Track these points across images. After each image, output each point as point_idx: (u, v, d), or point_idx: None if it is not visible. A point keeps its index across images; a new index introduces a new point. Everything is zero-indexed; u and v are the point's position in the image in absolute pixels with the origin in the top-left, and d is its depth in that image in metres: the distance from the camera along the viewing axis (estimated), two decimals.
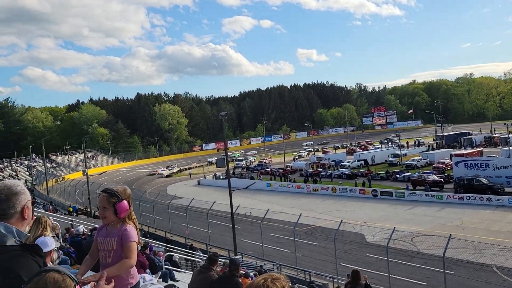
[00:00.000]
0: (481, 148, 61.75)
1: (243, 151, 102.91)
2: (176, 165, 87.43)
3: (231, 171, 64.09)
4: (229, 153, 60.58)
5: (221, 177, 60.88)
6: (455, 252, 22.20)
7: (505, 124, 62.64)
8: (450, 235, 18.17)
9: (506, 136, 59.12)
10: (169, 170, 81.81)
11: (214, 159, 78.71)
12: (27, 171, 79.34)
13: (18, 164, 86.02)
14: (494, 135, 75.86)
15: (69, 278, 1.82)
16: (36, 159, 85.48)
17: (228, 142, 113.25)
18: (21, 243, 2.12)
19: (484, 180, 37.98)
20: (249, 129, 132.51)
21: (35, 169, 78.17)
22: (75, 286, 1.83)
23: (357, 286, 9.05)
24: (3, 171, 77.66)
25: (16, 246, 2.07)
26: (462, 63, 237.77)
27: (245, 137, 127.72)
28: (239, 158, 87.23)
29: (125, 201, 3.13)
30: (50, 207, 41.97)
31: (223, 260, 11.32)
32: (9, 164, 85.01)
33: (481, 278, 19.95)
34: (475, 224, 29.77)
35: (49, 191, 56.80)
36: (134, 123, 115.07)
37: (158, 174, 78.23)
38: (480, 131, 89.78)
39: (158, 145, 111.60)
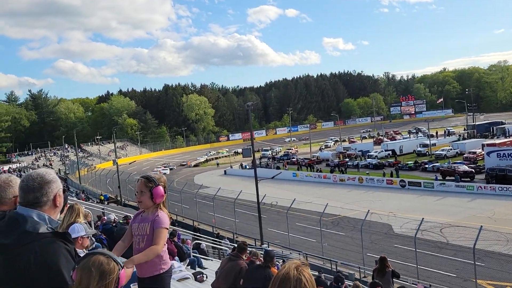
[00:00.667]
0: None
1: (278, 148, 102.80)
2: (212, 152, 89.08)
3: (257, 161, 64.42)
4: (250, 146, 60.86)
5: (247, 167, 61.24)
6: (486, 243, 21.75)
7: None
8: (481, 226, 17.80)
9: None
10: (207, 156, 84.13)
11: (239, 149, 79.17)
12: (60, 160, 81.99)
13: (52, 154, 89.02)
14: None
15: (113, 261, 1.96)
16: (68, 149, 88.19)
17: (254, 132, 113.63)
18: (52, 230, 2.16)
19: None
20: (275, 119, 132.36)
21: (67, 159, 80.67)
22: (119, 270, 1.97)
23: (384, 272, 9.08)
24: (38, 161, 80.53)
25: (48, 233, 2.12)
26: (496, 49, 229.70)
27: (271, 127, 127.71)
28: (264, 148, 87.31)
29: (161, 187, 3.27)
30: (83, 195, 43.37)
31: (250, 249, 11.51)
32: (43, 154, 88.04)
33: None
34: (508, 215, 28.98)
35: (81, 180, 58.58)
36: (162, 114, 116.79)
37: (188, 165, 79.26)
38: None
39: (185, 136, 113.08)
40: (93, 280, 1.87)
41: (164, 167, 75.01)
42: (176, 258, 7.79)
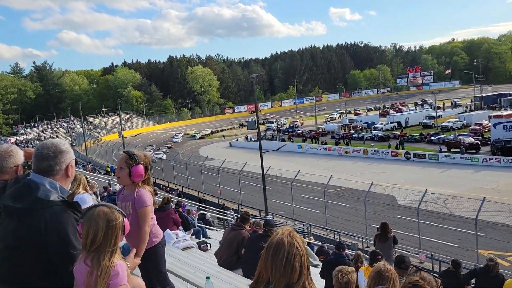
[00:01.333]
0: None
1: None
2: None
3: (263, 134, 64.50)
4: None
5: (253, 139, 61.40)
6: (489, 215, 21.92)
7: None
8: (484, 197, 17.90)
9: None
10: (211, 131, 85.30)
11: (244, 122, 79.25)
12: (66, 132, 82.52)
13: (58, 126, 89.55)
14: None
15: (117, 211, 2.05)
16: (74, 121, 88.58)
17: (260, 104, 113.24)
18: (63, 199, 2.23)
19: None
20: (281, 91, 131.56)
21: (74, 131, 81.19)
22: (123, 218, 2.06)
23: (386, 237, 9.25)
24: (44, 133, 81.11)
25: (58, 202, 2.18)
26: (506, 19, 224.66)
27: (276, 100, 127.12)
28: (270, 121, 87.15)
29: (141, 166, 3.18)
30: (89, 167, 43.87)
31: (254, 219, 11.71)
32: (49, 126, 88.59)
33: None
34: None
35: (87, 152, 59.11)
36: (167, 86, 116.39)
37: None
38: None
39: (190, 108, 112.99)
40: (100, 229, 1.96)
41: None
42: (181, 227, 7.97)
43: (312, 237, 14.32)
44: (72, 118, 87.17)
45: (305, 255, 1.93)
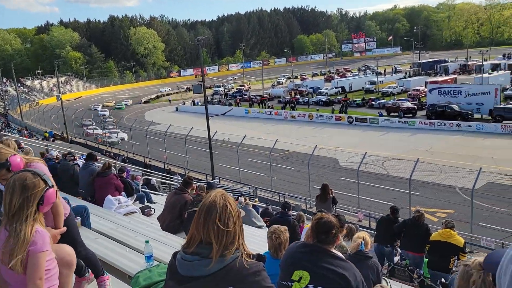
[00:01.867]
0: (455, 76, 62.62)
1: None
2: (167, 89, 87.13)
3: (210, 98, 63.86)
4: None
5: (199, 104, 60.65)
6: (422, 175, 23.41)
7: (480, 51, 63.04)
8: (418, 159, 19.03)
9: (481, 63, 59.85)
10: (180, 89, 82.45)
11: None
12: None
13: None
14: (469, 63, 76.64)
15: (40, 179, 1.98)
16: (7, 83, 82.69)
17: (206, 68, 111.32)
18: None
19: (455, 107, 39.07)
20: (228, 55, 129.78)
21: (6, 94, 75.94)
22: (45, 188, 2.00)
23: (326, 198, 9.68)
24: None
25: None
26: None
27: (223, 63, 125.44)
28: (217, 85, 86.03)
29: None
30: (25, 132, 41.55)
31: (199, 183, 11.77)
32: None
33: (444, 198, 21.30)
34: (444, 149, 31.10)
35: (23, 116, 55.78)
36: (108, 47, 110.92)
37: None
38: (456, 58, 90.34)
39: (134, 71, 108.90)
40: (15, 195, 1.90)
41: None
42: (123, 193, 7.85)
43: (257, 199, 14.67)
44: (4, 80, 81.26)
45: (238, 216, 1.97)
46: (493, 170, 23.60)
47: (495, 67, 66.09)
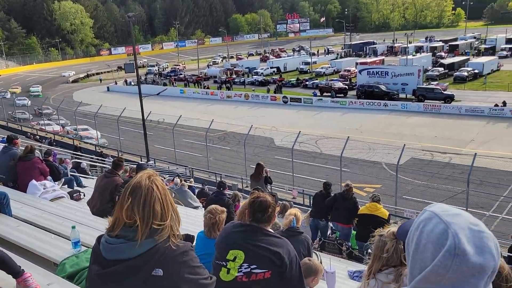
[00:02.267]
0: (383, 57, 65.69)
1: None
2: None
3: (143, 78, 61.83)
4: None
5: (132, 83, 58.54)
6: (352, 152, 24.52)
7: (405, 34, 66.46)
8: (348, 137, 19.88)
9: (406, 46, 63.20)
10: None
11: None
12: None
13: None
14: (395, 45, 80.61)
15: None
16: None
17: (139, 46, 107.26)
18: None
19: (382, 87, 41.10)
20: (161, 33, 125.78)
21: None
22: None
23: (259, 177, 9.86)
24: None
25: None
26: None
27: (157, 42, 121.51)
28: (151, 64, 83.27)
29: None
30: None
31: (131, 165, 11.45)
32: None
33: (372, 174, 22.55)
34: (372, 127, 32.74)
35: None
36: (30, 22, 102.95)
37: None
38: (384, 40, 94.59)
39: (60, 48, 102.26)
40: None
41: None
42: (49, 177, 7.44)
43: (192, 180, 14.58)
44: None
45: (166, 198, 1.92)
46: (416, 147, 25.31)
47: (419, 50, 70.11)
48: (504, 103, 34.15)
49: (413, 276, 1.13)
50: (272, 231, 2.93)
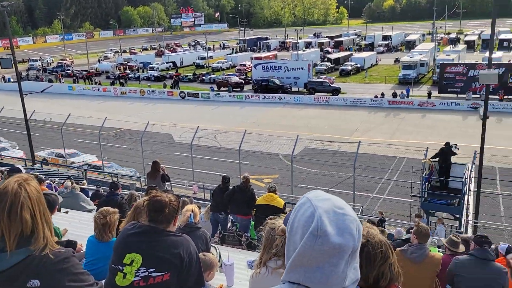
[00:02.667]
0: (276, 52, 68.29)
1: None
2: None
3: (24, 74, 56.42)
4: None
5: (12, 80, 53.05)
6: (250, 145, 25.20)
7: (295, 30, 69.80)
8: (245, 130, 20.35)
9: (296, 41, 66.41)
10: None
11: None
12: None
13: None
14: (287, 40, 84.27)
15: None
16: None
17: (18, 39, 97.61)
18: None
19: (276, 81, 42.79)
20: (44, 25, 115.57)
21: None
22: None
23: (156, 175, 9.69)
24: None
25: None
26: None
27: (39, 35, 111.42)
28: (33, 59, 76.26)
29: None
30: None
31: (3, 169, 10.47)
32: None
33: (269, 165, 23.42)
34: (268, 120, 33.95)
35: None
36: None
37: None
38: (276, 36, 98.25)
39: None
40: None
41: None
42: None
43: (85, 182, 13.78)
44: None
45: (39, 203, 1.79)
46: (309, 137, 26.78)
47: (308, 45, 74.12)
48: (382, 95, 37.78)
49: (288, 258, 1.19)
50: (173, 230, 2.82)
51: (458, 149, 14.50)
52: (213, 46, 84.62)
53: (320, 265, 1.13)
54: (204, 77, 51.42)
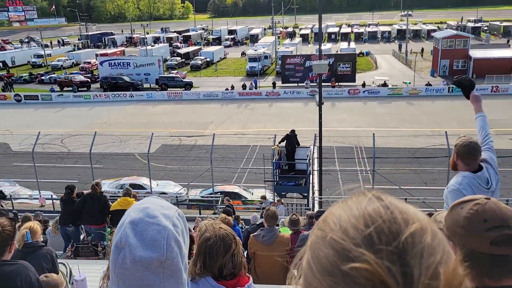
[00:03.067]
0: (123, 48, 65.45)
1: None
2: None
3: None
4: None
5: None
6: (103, 147, 23.92)
7: (142, 25, 67.78)
8: (96, 132, 19.11)
9: (144, 36, 64.60)
10: None
11: None
12: None
13: None
14: (134, 36, 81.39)
15: None
16: None
17: None
18: None
19: (126, 78, 41.14)
20: None
21: None
22: None
23: None
24: None
25: None
26: None
27: None
28: None
29: None
30: None
31: None
32: None
33: (126, 166, 22.43)
34: (120, 119, 32.53)
35: None
36: None
37: None
38: (122, 31, 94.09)
39: None
40: None
41: None
42: None
43: None
44: None
45: None
46: (164, 134, 26.55)
47: (156, 40, 72.77)
48: (232, 87, 39.32)
49: None
50: (8, 258, 2.60)
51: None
52: (51, 42, 77.25)
53: (127, 282, 1.02)
54: (43, 77, 46.65)
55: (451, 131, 20.91)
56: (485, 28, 74.34)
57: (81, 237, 8.41)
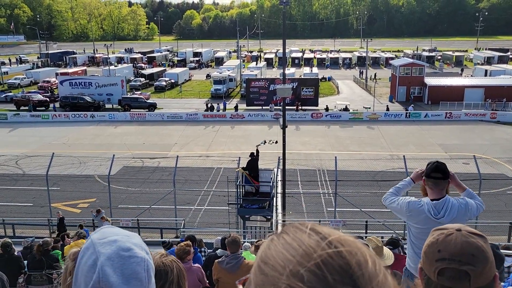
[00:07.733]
0: (85, 67, 64.22)
1: None
2: None
3: None
4: None
5: None
6: (62, 168, 23.15)
7: (105, 45, 66.83)
8: (53, 153, 18.56)
9: (107, 56, 63.67)
10: None
11: None
12: None
13: None
14: (96, 55, 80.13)
15: None
16: None
17: None
18: None
19: (88, 98, 40.23)
20: None
21: None
22: None
23: None
24: None
25: None
26: None
27: None
28: None
29: None
30: None
31: None
32: None
33: (85, 188, 21.72)
34: (80, 140, 31.61)
35: None
36: None
37: None
38: (84, 50, 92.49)
39: None
40: None
41: None
42: None
43: None
44: None
45: None
46: (126, 155, 26.01)
47: (120, 60, 71.93)
48: (212, 108, 39.17)
49: None
50: None
51: (274, 143, 16.53)
52: (9, 60, 74.78)
53: None
54: None
55: (409, 155, 21.71)
56: (439, 57, 78.44)
57: None
